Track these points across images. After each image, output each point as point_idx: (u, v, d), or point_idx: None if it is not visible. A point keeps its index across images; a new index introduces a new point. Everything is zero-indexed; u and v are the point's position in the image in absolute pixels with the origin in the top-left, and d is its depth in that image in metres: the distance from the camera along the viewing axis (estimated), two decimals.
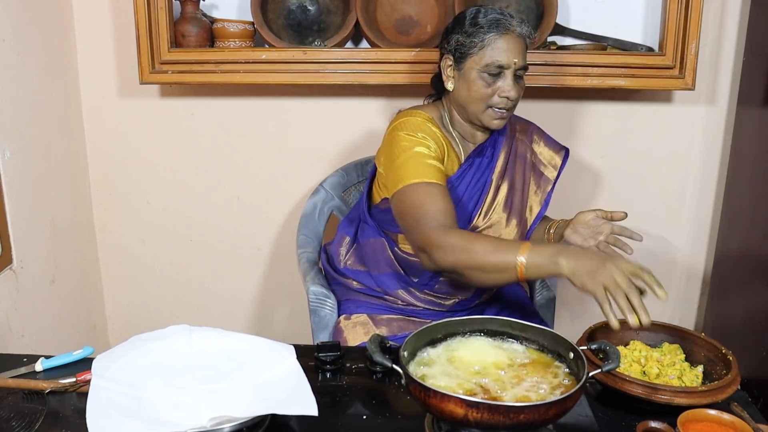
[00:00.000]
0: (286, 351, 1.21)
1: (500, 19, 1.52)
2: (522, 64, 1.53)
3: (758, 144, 1.95)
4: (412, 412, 1.16)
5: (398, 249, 1.67)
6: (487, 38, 1.50)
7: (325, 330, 1.70)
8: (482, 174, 1.64)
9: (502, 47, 1.50)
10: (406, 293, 1.68)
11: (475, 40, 1.51)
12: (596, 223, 1.60)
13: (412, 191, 1.48)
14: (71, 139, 2.12)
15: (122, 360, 1.15)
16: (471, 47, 1.52)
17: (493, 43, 1.50)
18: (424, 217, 1.44)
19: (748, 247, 1.99)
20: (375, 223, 1.71)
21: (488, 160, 1.65)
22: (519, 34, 1.52)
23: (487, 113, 1.56)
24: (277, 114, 2.16)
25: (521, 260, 1.28)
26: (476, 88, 1.53)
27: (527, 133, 1.73)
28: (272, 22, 2.00)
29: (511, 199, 1.66)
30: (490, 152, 1.65)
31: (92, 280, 2.27)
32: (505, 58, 1.50)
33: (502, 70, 1.51)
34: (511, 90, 1.52)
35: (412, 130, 1.55)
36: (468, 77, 1.54)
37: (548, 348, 1.13)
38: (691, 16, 1.89)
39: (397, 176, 1.52)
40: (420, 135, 1.54)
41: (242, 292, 2.34)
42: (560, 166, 1.72)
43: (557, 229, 1.69)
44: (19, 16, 1.81)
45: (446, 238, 1.37)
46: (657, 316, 1.57)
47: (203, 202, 2.25)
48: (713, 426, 1.07)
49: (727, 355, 1.23)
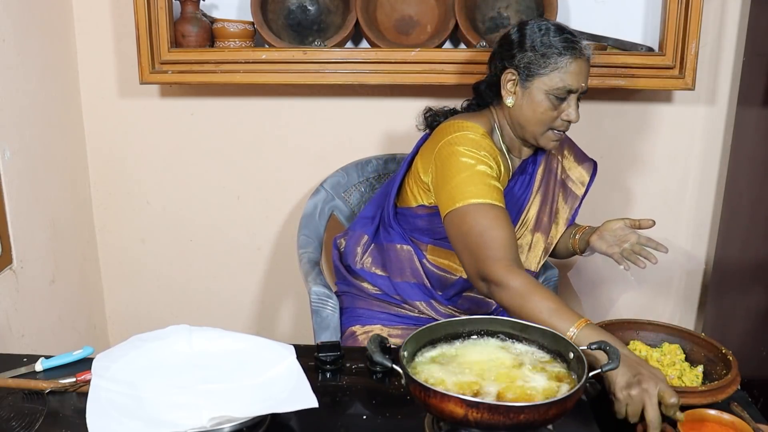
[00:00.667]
0: (286, 351, 1.21)
1: (574, 42, 1.48)
2: (586, 88, 1.52)
3: (758, 144, 1.95)
4: (412, 412, 1.16)
5: (426, 260, 1.64)
6: (561, 61, 1.47)
7: (326, 330, 1.70)
8: (523, 192, 1.62)
9: (574, 71, 1.48)
10: (426, 305, 1.66)
11: (549, 60, 1.47)
12: (623, 232, 1.58)
13: (476, 212, 1.42)
14: (71, 139, 2.12)
15: (122, 360, 1.15)
16: (542, 67, 1.48)
17: (566, 66, 1.47)
18: (488, 246, 1.38)
19: (748, 247, 1.99)
20: (401, 229, 1.67)
21: (529, 177, 1.63)
22: (587, 57, 1.50)
23: (546, 135, 1.54)
24: (277, 114, 2.16)
25: (572, 332, 1.22)
26: (542, 110, 1.50)
27: (560, 147, 1.70)
28: (272, 22, 2.00)
29: (539, 217, 1.65)
30: (531, 169, 1.64)
31: (92, 280, 2.27)
32: (576, 83, 1.48)
33: (569, 94, 1.49)
34: (574, 114, 1.50)
35: (474, 147, 1.48)
36: (534, 97, 1.50)
37: (548, 348, 1.13)
38: (691, 16, 1.89)
39: (458, 193, 1.44)
40: (483, 153, 1.48)
41: (242, 292, 2.34)
42: (588, 183, 1.71)
43: (583, 235, 1.67)
44: (19, 16, 1.81)
45: (511, 281, 1.32)
46: (657, 316, 1.58)
47: (203, 202, 2.25)
48: (713, 426, 1.07)
49: (727, 355, 1.23)
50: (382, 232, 1.71)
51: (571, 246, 1.71)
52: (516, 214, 1.62)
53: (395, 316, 1.68)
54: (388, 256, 1.68)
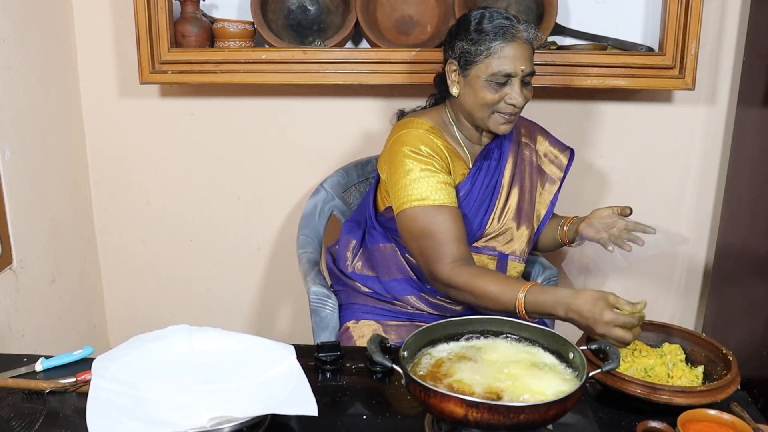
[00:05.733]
0: (286, 351, 1.21)
1: (506, 26, 1.48)
2: (529, 70, 1.51)
3: (758, 144, 1.95)
4: (412, 412, 1.16)
5: (409, 255, 1.65)
6: (493, 46, 1.48)
7: (325, 330, 1.70)
8: (491, 177, 1.63)
9: (508, 55, 1.48)
10: (416, 299, 1.67)
11: (481, 48, 1.49)
12: (612, 219, 1.60)
13: (422, 214, 1.49)
14: (71, 139, 2.12)
15: (122, 360, 1.15)
16: (476, 55, 1.50)
17: (499, 51, 1.48)
18: (433, 248, 1.47)
19: (748, 247, 1.99)
20: (382, 229, 1.69)
21: (496, 163, 1.64)
22: (526, 39, 1.50)
23: (493, 118, 1.55)
24: (277, 114, 2.16)
25: (521, 297, 1.35)
26: (482, 95, 1.51)
27: (531, 135, 1.72)
28: (272, 22, 2.00)
29: (521, 204, 1.66)
30: (497, 154, 1.64)
31: (92, 280, 2.27)
32: (512, 67, 1.48)
33: (509, 78, 1.50)
34: (518, 97, 1.50)
35: (416, 145, 1.53)
36: (474, 85, 1.52)
37: (548, 348, 1.13)
38: (691, 16, 1.89)
39: (404, 195, 1.51)
40: (425, 151, 1.52)
41: (242, 292, 2.34)
42: (566, 167, 1.72)
43: (571, 225, 1.69)
44: (19, 16, 1.81)
45: (455, 279, 1.43)
46: (657, 316, 1.58)
47: (203, 202, 2.25)
48: (713, 426, 1.07)
49: (727, 355, 1.23)
50: (368, 235, 1.74)
51: (559, 237, 1.72)
52: (489, 200, 1.62)
53: (388, 311, 1.69)
54: (375, 257, 1.70)
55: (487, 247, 1.64)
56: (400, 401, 1.22)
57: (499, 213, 1.63)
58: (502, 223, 1.63)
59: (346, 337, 1.66)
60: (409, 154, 1.53)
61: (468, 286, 1.42)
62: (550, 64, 1.94)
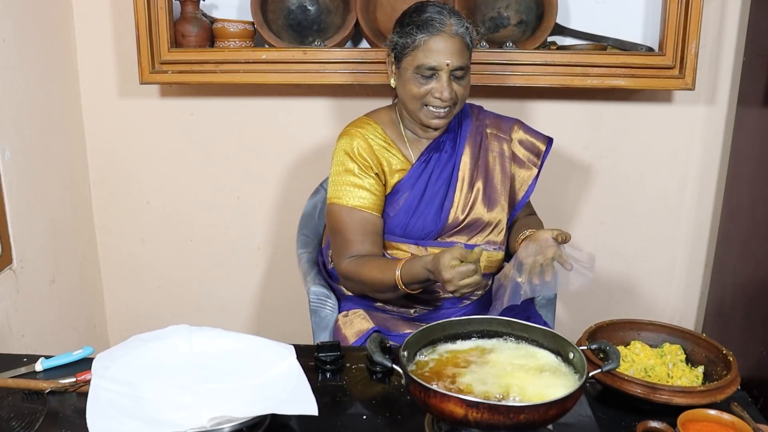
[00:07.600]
0: (286, 351, 1.21)
1: (433, 19, 1.48)
2: (458, 65, 1.49)
3: (758, 144, 1.95)
4: (412, 412, 1.16)
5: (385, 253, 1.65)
6: (418, 39, 1.48)
7: (325, 330, 1.70)
8: (443, 168, 1.62)
9: (432, 49, 1.48)
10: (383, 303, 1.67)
11: (408, 41, 1.50)
12: (546, 244, 1.46)
13: (337, 212, 1.59)
14: (71, 139, 2.12)
15: (122, 360, 1.15)
16: (405, 48, 1.51)
17: (423, 44, 1.48)
18: (339, 246, 1.59)
19: (748, 247, 1.99)
20: None
21: (448, 155, 1.63)
22: (455, 33, 1.48)
23: (424, 111, 1.55)
24: (277, 114, 2.16)
25: (397, 273, 1.46)
26: (410, 88, 1.53)
27: (504, 128, 1.69)
28: (272, 22, 2.00)
29: (490, 194, 1.64)
30: (450, 146, 1.63)
31: (92, 280, 2.27)
32: (437, 61, 1.48)
33: (434, 71, 1.49)
34: (444, 91, 1.49)
35: (350, 143, 1.59)
36: (404, 77, 1.54)
37: (548, 348, 1.13)
38: (691, 16, 1.89)
39: (330, 191, 1.61)
40: (356, 150, 1.58)
41: (242, 292, 2.34)
42: (543, 153, 1.69)
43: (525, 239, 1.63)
44: (19, 16, 1.81)
45: (346, 271, 1.57)
46: (657, 316, 1.58)
47: (203, 202, 2.25)
48: (713, 426, 1.07)
49: (727, 355, 1.23)
50: None
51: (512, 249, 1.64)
52: (446, 191, 1.61)
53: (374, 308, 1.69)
54: None
55: (453, 242, 1.62)
56: (400, 401, 1.22)
57: (463, 205, 1.62)
58: (469, 215, 1.62)
59: (336, 331, 1.66)
60: (338, 152, 1.60)
61: (356, 275, 1.54)
62: (550, 64, 1.94)
